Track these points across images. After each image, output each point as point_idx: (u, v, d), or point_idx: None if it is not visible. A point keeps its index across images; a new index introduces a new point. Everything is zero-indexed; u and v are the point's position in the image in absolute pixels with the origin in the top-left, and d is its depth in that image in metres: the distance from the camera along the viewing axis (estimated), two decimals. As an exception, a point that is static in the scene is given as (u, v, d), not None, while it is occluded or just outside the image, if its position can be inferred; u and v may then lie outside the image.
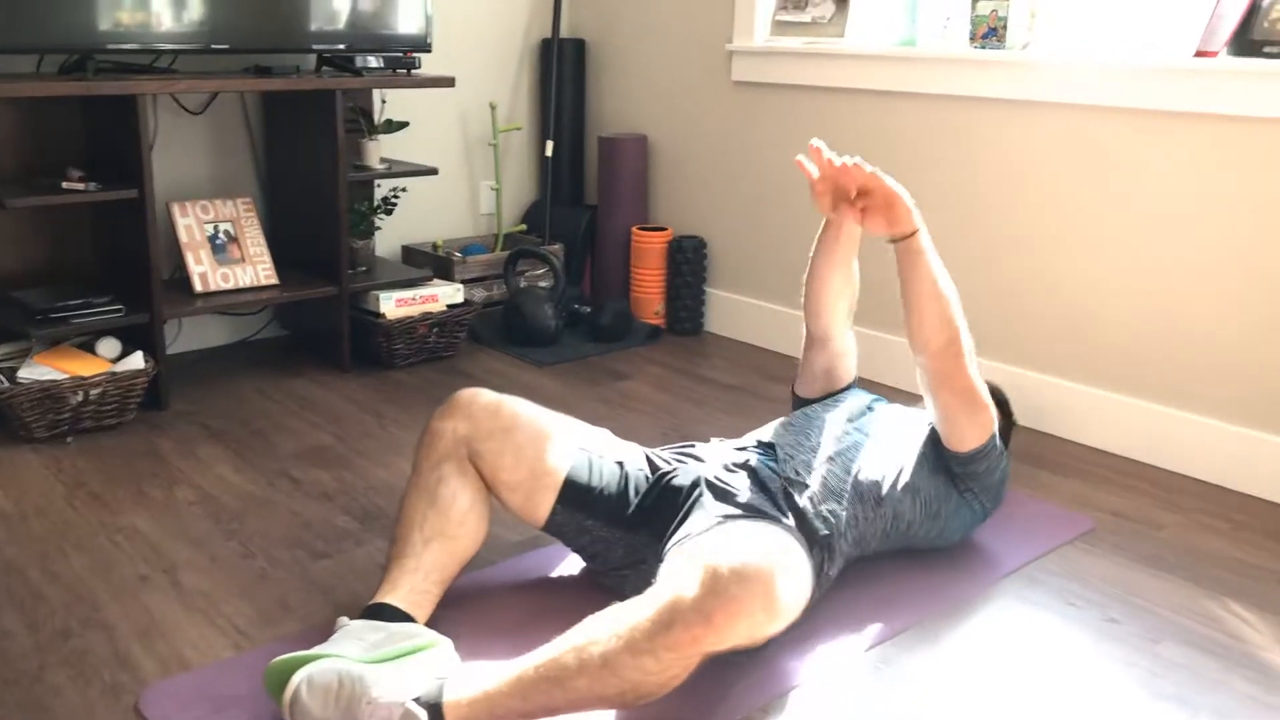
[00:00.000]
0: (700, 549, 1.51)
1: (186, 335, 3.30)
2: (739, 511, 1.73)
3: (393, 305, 3.16)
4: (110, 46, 2.68)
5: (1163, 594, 2.02)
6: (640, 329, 3.60)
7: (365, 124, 3.17)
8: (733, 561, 1.44)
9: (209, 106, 3.18)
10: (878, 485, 1.93)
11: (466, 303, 3.33)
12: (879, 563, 2.10)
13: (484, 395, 1.89)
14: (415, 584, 1.72)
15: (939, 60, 2.88)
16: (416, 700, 1.48)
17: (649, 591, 1.48)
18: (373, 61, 3.11)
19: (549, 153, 3.82)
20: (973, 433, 1.95)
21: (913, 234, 1.86)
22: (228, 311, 3.28)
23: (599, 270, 3.83)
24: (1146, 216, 2.56)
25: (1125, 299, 2.63)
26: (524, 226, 3.90)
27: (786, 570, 1.51)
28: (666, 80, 3.65)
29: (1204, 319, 2.50)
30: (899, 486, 1.95)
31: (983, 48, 2.82)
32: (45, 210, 2.89)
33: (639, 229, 3.63)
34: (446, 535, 1.76)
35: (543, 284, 3.55)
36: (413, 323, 3.18)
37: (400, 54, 3.15)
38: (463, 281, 3.50)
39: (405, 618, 1.67)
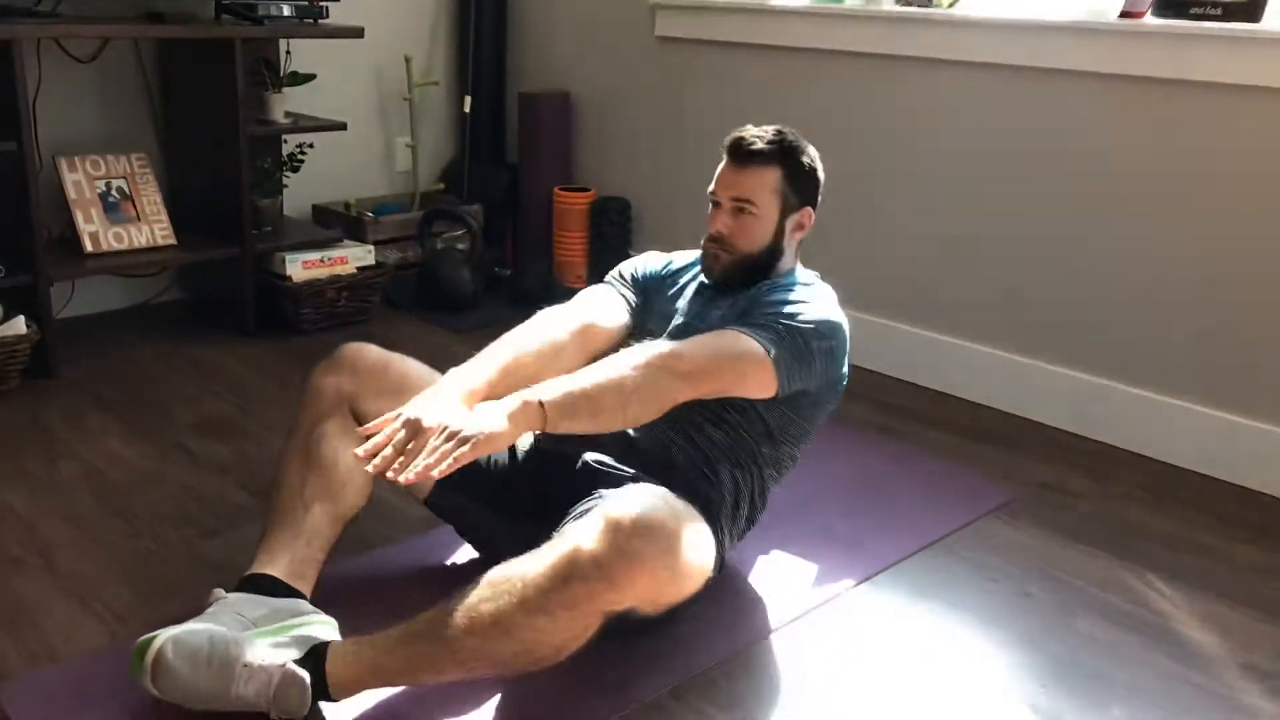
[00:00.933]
0: (601, 506, 1.41)
1: (80, 298, 3.12)
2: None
3: (299, 268, 3.01)
4: (-16, -13, 2.49)
5: (1082, 568, 1.99)
6: (562, 292, 3.48)
7: (269, 76, 3.00)
8: (634, 513, 1.36)
9: (100, 54, 2.98)
10: (736, 434, 1.77)
11: (378, 265, 3.20)
12: (789, 535, 2.04)
13: (371, 352, 1.76)
14: (297, 552, 1.60)
15: (866, 17, 2.80)
16: (298, 661, 1.39)
17: (545, 545, 1.40)
18: (277, 10, 2.94)
19: (467, 109, 3.68)
20: (757, 384, 1.67)
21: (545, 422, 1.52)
22: (122, 273, 3.11)
23: (521, 232, 3.71)
24: (1074, 178, 2.52)
25: (1052, 264, 2.59)
26: (442, 186, 3.76)
27: (692, 528, 1.44)
28: (589, 34, 3.53)
29: (1133, 286, 2.47)
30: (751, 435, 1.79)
31: (908, 4, 2.75)
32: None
33: (561, 189, 3.51)
34: (329, 497, 1.64)
35: (460, 246, 3.42)
36: (321, 286, 3.04)
37: (307, 2, 2.98)
38: (375, 243, 3.36)
39: (288, 590, 1.57)
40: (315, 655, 1.42)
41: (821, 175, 1.85)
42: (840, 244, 2.99)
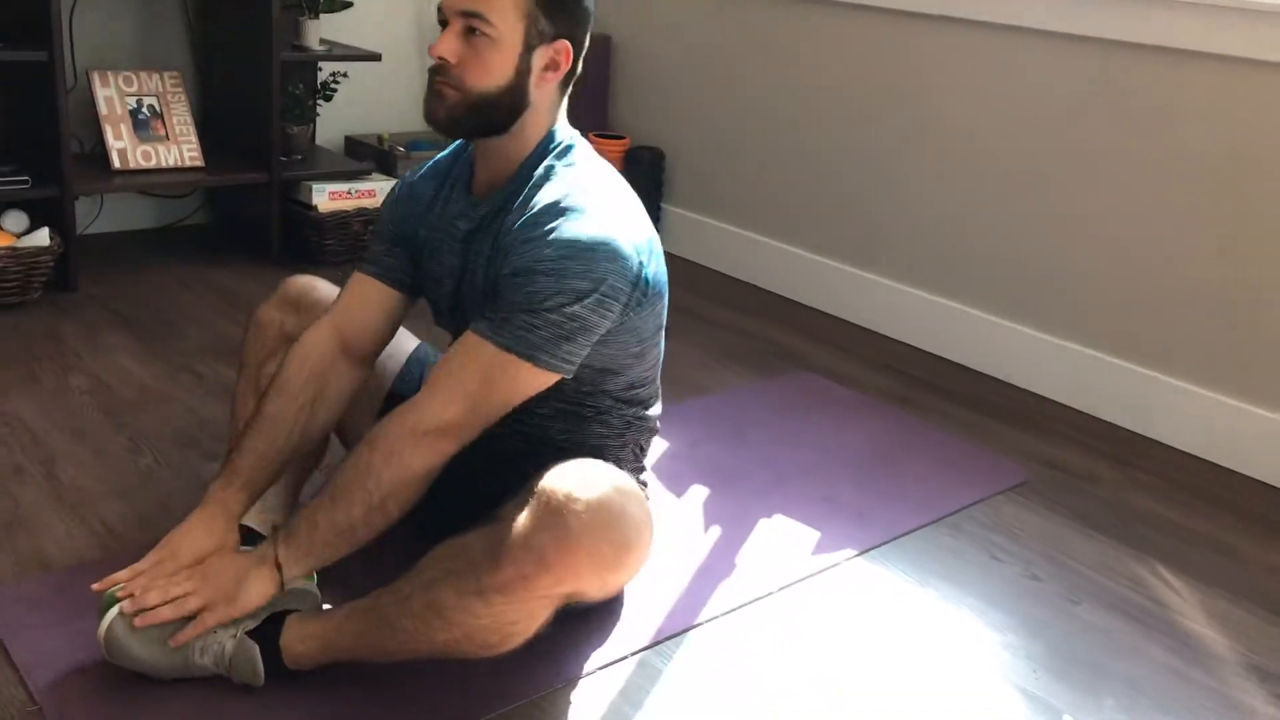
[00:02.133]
0: (538, 481, 1.29)
1: (109, 215, 3.12)
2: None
3: (325, 198, 2.99)
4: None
5: (1090, 553, 1.94)
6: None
7: (306, 1, 2.96)
8: (573, 488, 1.24)
9: (139, -31, 2.96)
10: (569, 398, 1.53)
11: (406, 201, 3.17)
12: (792, 501, 2.00)
13: (317, 288, 1.66)
14: (267, 500, 1.56)
15: (918, -24, 2.71)
16: (250, 633, 1.37)
17: (485, 525, 1.31)
18: None
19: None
20: (535, 386, 1.38)
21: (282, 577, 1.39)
22: (148, 192, 3.10)
23: (553, 177, 3.65)
24: (1120, 153, 2.43)
25: (1080, 241, 2.51)
26: (477, 125, 3.71)
27: (636, 504, 1.31)
28: (635, -21, 3.45)
29: (1163, 268, 2.39)
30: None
31: (964, -35, 2.65)
32: (-50, 69, 2.68)
33: (595, 135, 3.46)
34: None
35: (490, 187, 3.38)
36: (346, 218, 3.02)
37: (348, -73, 2.94)
38: (406, 178, 3.32)
39: (260, 538, 1.53)
40: (274, 626, 1.38)
41: (590, 3, 1.42)
42: (866, 207, 2.92)
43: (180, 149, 2.87)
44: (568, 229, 1.35)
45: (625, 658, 1.55)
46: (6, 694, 1.37)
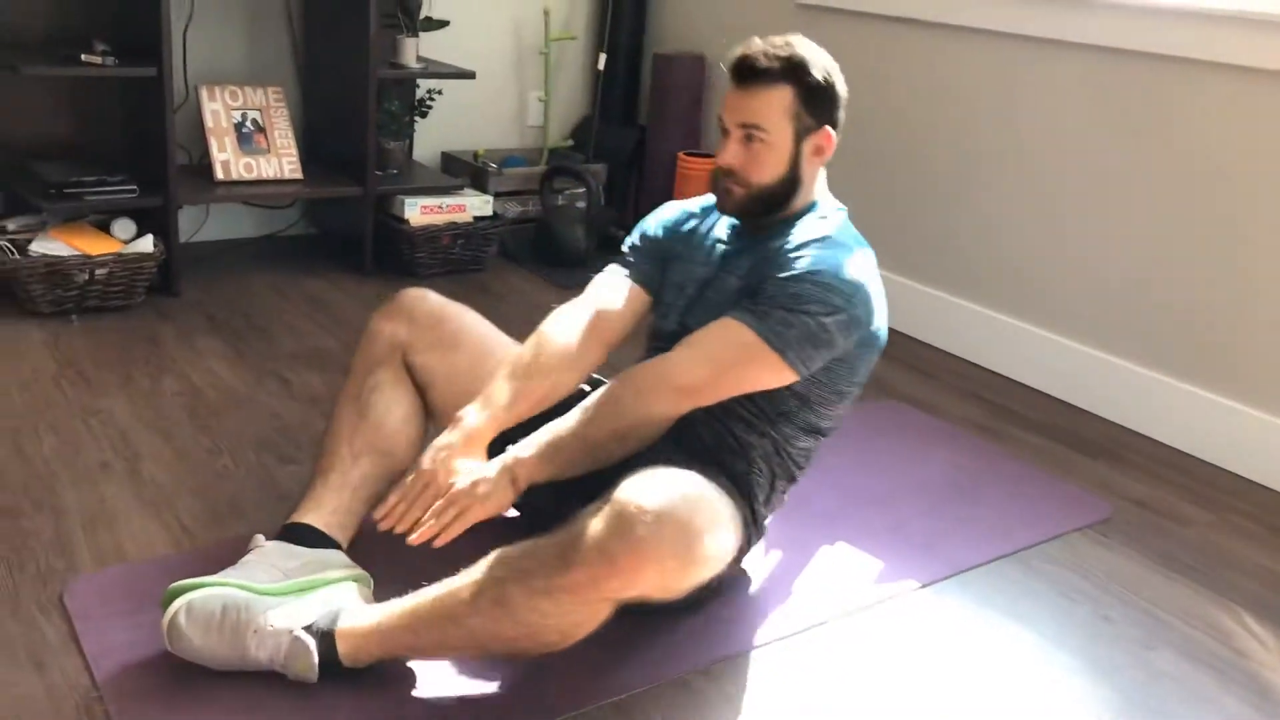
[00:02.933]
0: (614, 490, 1.35)
1: (214, 224, 3.25)
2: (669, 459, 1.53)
3: (417, 212, 3.07)
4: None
5: (1170, 596, 1.86)
6: (676, 259, 3.45)
7: (404, 19, 3.04)
8: (645, 500, 1.30)
9: (250, -11, 3.09)
10: (765, 408, 1.63)
11: (495, 216, 3.23)
12: (859, 529, 1.97)
13: (430, 299, 1.74)
14: (340, 503, 1.62)
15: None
16: (307, 629, 1.40)
17: (559, 529, 1.36)
18: None
19: (601, 66, 3.66)
20: (771, 378, 1.54)
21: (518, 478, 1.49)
22: (248, 202, 3.22)
23: (644, 194, 3.68)
24: (1215, 178, 2.33)
25: (1178, 270, 2.41)
26: (571, 142, 3.76)
27: (709, 517, 1.37)
28: (730, -1, 3.46)
29: (1268, 299, 2.28)
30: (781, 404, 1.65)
31: (1063, -15, 2.58)
32: (72, 82, 2.84)
33: (685, 154, 3.47)
34: (378, 450, 1.65)
35: (579, 203, 3.42)
36: (437, 231, 3.09)
37: (447, -51, 3.01)
38: (498, 195, 3.39)
39: (327, 540, 1.59)
40: (330, 621, 1.42)
41: (842, 89, 1.64)
42: (954, 231, 2.86)
43: (280, 161, 2.98)
44: (835, 258, 1.55)
45: (673, 679, 1.54)
46: (73, 680, 1.43)
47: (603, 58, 3.65)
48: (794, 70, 1.58)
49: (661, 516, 1.30)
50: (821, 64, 1.62)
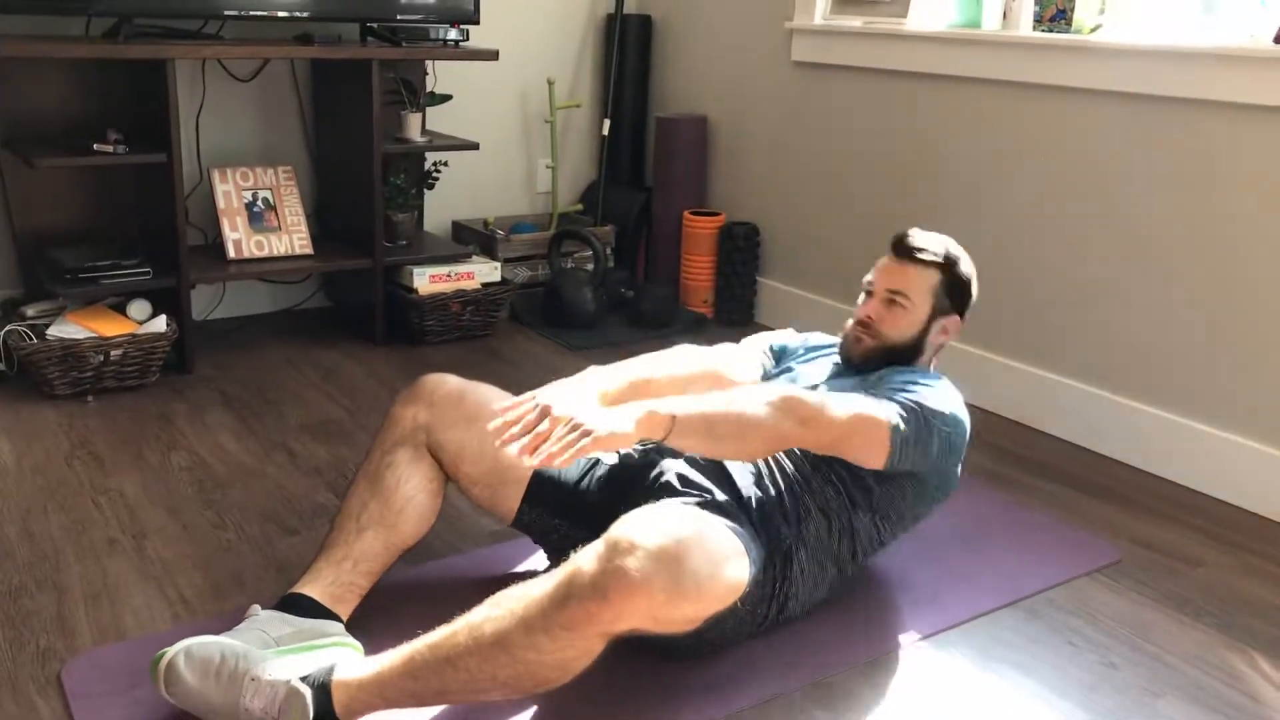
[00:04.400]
0: (615, 524, 1.40)
1: (230, 301, 3.32)
2: (694, 502, 1.62)
3: (426, 281, 3.12)
4: (147, 14, 2.70)
5: (1179, 641, 1.81)
6: (685, 317, 3.48)
7: (407, 96, 3.12)
8: (635, 535, 1.35)
9: (259, 74, 3.18)
10: (830, 498, 1.76)
11: (503, 282, 3.27)
12: (857, 581, 1.94)
13: (449, 382, 1.81)
14: (341, 575, 1.64)
15: (1004, 44, 2.66)
16: (304, 679, 1.42)
17: (554, 569, 1.39)
18: (437, 33, 3.05)
19: (605, 131, 3.72)
20: (871, 451, 1.65)
21: (667, 434, 1.53)
22: (260, 278, 3.29)
23: (653, 255, 3.71)
24: (1222, 220, 2.32)
25: (1186, 308, 2.39)
26: (580, 206, 3.82)
27: (702, 554, 1.39)
28: (728, 58, 3.51)
29: (1277, 336, 2.25)
30: (848, 498, 1.77)
31: (1049, 30, 2.60)
32: (87, 171, 2.93)
33: (690, 213, 3.50)
34: (384, 523, 1.69)
35: (588, 266, 3.46)
36: (445, 299, 3.13)
37: (448, 24, 3.09)
38: (507, 260, 3.44)
39: (325, 612, 1.60)
40: (326, 673, 1.44)
41: (975, 293, 1.90)
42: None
43: (291, 238, 3.05)
44: (948, 395, 1.76)
45: (661, 740, 1.53)
46: (67, 758, 1.45)
47: (607, 123, 3.72)
48: (947, 262, 1.85)
49: (652, 552, 1.33)
50: (968, 267, 1.88)
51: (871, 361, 1.83)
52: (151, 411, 2.60)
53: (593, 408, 1.55)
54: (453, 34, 3.08)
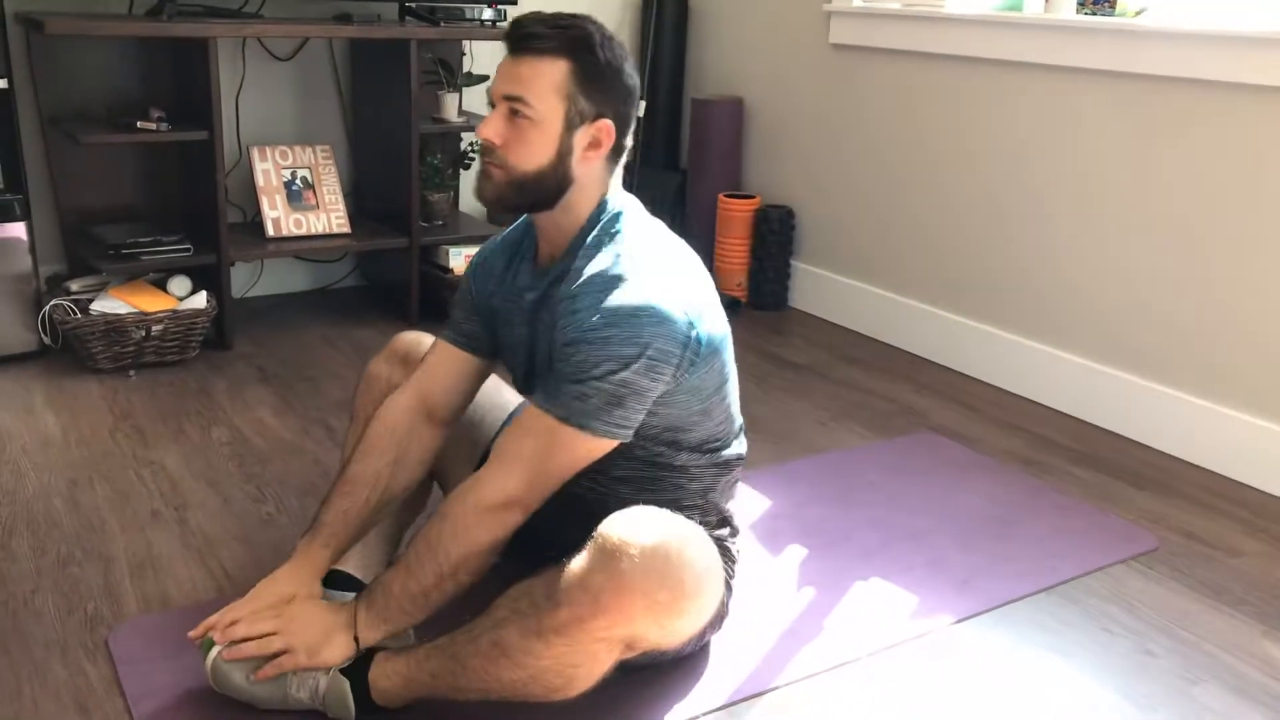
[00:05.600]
0: (603, 524, 1.34)
1: (268, 279, 3.35)
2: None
3: (461, 260, 3.13)
4: (191, -11, 2.72)
5: (1217, 629, 1.80)
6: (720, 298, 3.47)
7: (445, 75, 3.13)
8: (628, 534, 1.29)
9: (298, 53, 3.20)
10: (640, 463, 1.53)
11: (538, 262, 3.28)
12: (893, 564, 1.95)
13: (425, 343, 1.72)
14: (369, 550, 1.65)
15: (1045, 27, 2.64)
16: (343, 671, 1.44)
17: (553, 568, 1.35)
18: (474, 13, 3.06)
19: (640, 113, 3.71)
20: (586, 453, 1.41)
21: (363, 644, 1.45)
22: (298, 257, 3.32)
23: (686, 238, 3.69)
24: (1266, 209, 2.29)
25: (1233, 297, 2.36)
26: (614, 188, 3.81)
27: (695, 550, 1.35)
28: (765, 40, 3.49)
29: (1317, 326, 2.22)
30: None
31: (1092, 14, 2.57)
32: (130, 149, 2.96)
33: (725, 196, 3.50)
34: (395, 480, 1.60)
35: (622, 248, 3.46)
36: (480, 279, 3.14)
37: (485, 4, 3.10)
38: (541, 241, 3.45)
39: (360, 585, 1.61)
40: (365, 662, 1.45)
41: (631, 80, 1.44)
42: (991, 262, 2.84)
43: (329, 217, 3.07)
44: (611, 298, 1.37)
45: (696, 718, 1.54)
46: (114, 722, 1.48)
47: (642, 105, 3.71)
48: (573, 45, 1.38)
49: (646, 550, 1.28)
50: (610, 46, 1.41)
51: (508, 201, 1.43)
52: (192, 386, 2.64)
53: (298, 624, 1.44)
54: (489, 14, 3.08)
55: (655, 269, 1.42)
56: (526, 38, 1.39)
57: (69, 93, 2.87)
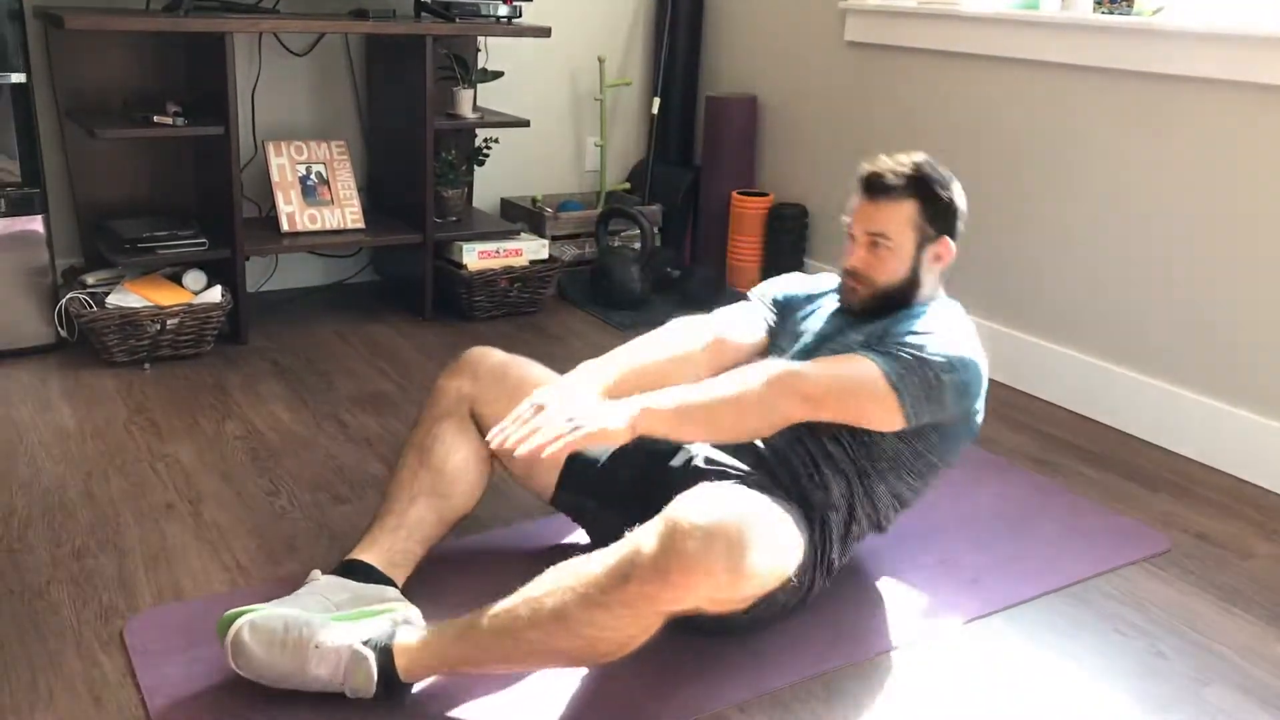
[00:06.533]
0: (668, 506, 1.42)
1: (283, 273, 3.37)
2: (733, 481, 1.63)
3: (475, 257, 3.14)
4: (208, -16, 2.73)
5: (1228, 631, 1.80)
6: (731, 297, 3.47)
7: (459, 71, 3.14)
8: (695, 516, 1.37)
9: (314, 48, 3.21)
10: (855, 452, 1.73)
11: (551, 259, 3.29)
12: (904, 564, 1.95)
13: (493, 355, 1.83)
14: (396, 543, 1.67)
15: (1061, 25, 2.63)
16: (366, 643, 1.45)
17: (613, 545, 1.42)
18: (489, 9, 3.07)
19: (654, 110, 3.72)
20: (880, 414, 1.61)
21: (635, 426, 1.56)
22: (312, 251, 3.33)
23: (700, 234, 3.71)
24: (1269, 203, 2.28)
25: (1248, 297, 2.35)
26: (628, 185, 3.82)
27: (760, 533, 1.42)
28: (780, 38, 3.49)
29: (1332, 328, 2.21)
30: (873, 452, 1.74)
31: (1109, 13, 2.56)
32: (146, 143, 2.98)
33: (739, 193, 3.50)
34: (436, 493, 1.71)
35: (635, 245, 3.47)
36: (493, 275, 3.15)
37: (500, 1, 3.10)
38: (554, 238, 3.46)
39: (382, 578, 1.63)
40: (388, 636, 1.47)
41: (961, 204, 1.78)
42: (1006, 261, 2.83)
43: (343, 212, 3.08)
44: (953, 335, 1.67)
45: (710, 714, 1.54)
46: (129, 713, 1.49)
47: (657, 101, 3.71)
48: (919, 187, 1.72)
49: (711, 531, 1.35)
50: (945, 183, 1.75)
51: (871, 308, 1.76)
52: (206, 380, 2.65)
53: (586, 403, 1.58)
54: (504, 10, 3.09)
55: (976, 348, 1.70)
56: (882, 187, 1.72)
57: (86, 87, 2.89)
